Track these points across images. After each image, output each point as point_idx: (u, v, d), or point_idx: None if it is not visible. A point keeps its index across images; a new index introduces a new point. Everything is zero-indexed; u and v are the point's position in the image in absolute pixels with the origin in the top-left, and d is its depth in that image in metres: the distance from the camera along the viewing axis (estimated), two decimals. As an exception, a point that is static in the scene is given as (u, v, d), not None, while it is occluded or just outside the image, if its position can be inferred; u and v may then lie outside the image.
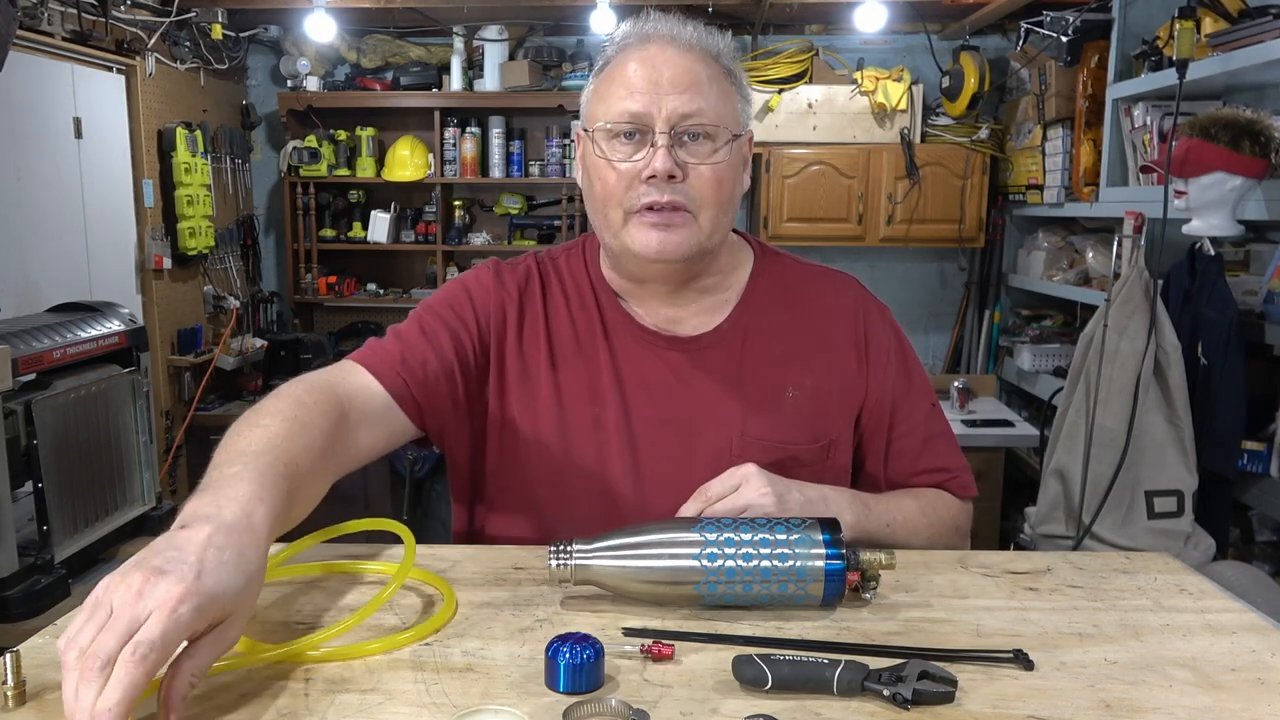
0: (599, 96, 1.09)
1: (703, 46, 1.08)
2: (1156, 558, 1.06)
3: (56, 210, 3.07)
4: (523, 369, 1.16)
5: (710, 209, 1.07)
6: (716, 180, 1.06)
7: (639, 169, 1.05)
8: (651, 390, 1.14)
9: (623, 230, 1.08)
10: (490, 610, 0.92)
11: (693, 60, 1.06)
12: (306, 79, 4.02)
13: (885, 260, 4.26)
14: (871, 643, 0.84)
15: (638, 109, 1.04)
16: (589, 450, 1.14)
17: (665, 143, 1.04)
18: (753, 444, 1.12)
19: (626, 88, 1.05)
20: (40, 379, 2.12)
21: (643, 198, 1.05)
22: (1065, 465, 2.51)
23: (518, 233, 4.19)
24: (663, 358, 1.15)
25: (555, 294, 1.19)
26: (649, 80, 1.04)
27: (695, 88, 1.05)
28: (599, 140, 1.07)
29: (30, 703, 0.74)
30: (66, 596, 2.05)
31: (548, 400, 1.15)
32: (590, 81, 1.13)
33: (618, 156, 1.06)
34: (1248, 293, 2.35)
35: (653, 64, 1.05)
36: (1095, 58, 3.04)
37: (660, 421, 1.14)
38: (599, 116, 1.08)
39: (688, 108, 1.04)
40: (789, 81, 3.83)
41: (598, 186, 1.09)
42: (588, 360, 1.16)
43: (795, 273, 1.23)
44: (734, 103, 1.09)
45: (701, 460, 1.12)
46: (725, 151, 1.07)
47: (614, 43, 1.11)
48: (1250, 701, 0.75)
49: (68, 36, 3.02)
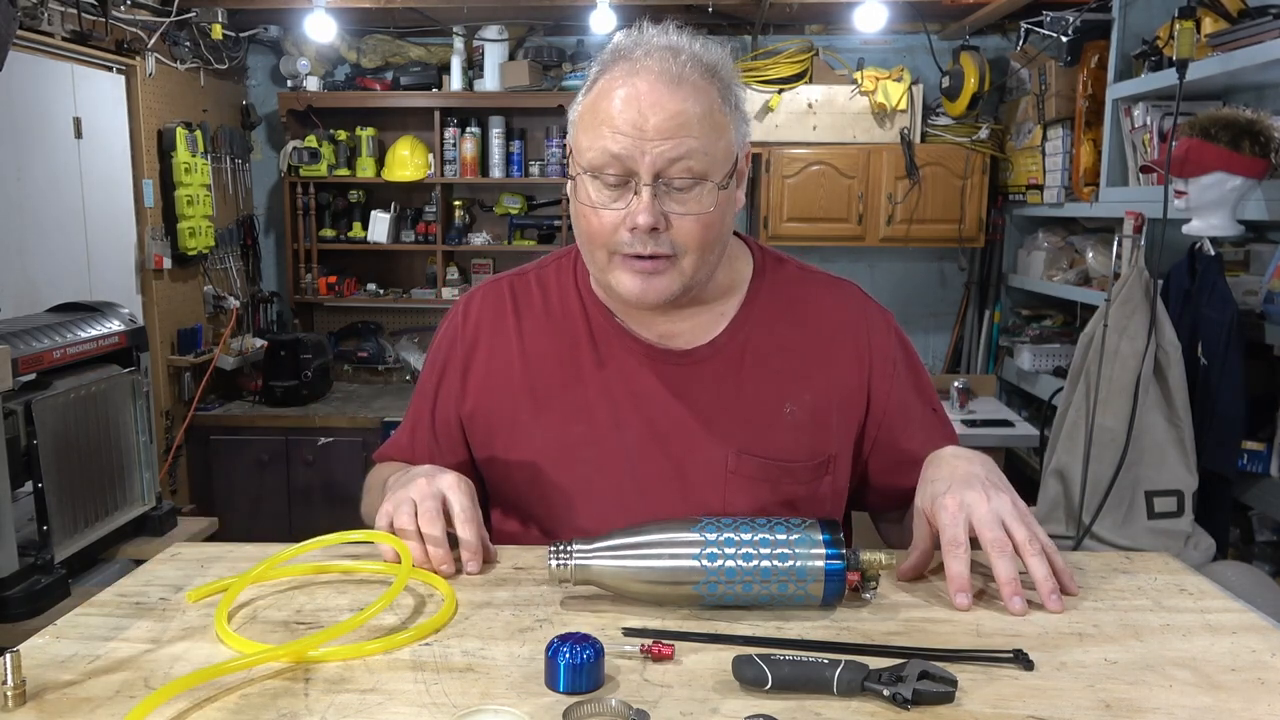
0: (584, 125, 1.05)
1: (699, 70, 1.02)
2: (1156, 558, 1.06)
3: (56, 210, 3.07)
4: (495, 412, 1.16)
5: (693, 255, 1.04)
6: (701, 228, 1.03)
7: (622, 217, 1.02)
8: (644, 406, 1.12)
9: (607, 269, 1.07)
10: (490, 610, 0.92)
11: (684, 97, 1.00)
12: (306, 79, 4.02)
13: (885, 260, 4.26)
14: (871, 643, 0.84)
15: (621, 153, 1.00)
16: (579, 467, 1.12)
17: (649, 195, 1.00)
18: (748, 461, 1.10)
19: (611, 126, 1.00)
20: (40, 379, 2.12)
21: (625, 247, 1.03)
22: (1065, 465, 2.51)
23: (518, 233, 4.19)
24: (656, 371, 1.13)
25: (535, 312, 1.18)
26: (635, 125, 0.99)
27: (683, 131, 0.99)
28: (585, 184, 1.04)
29: (30, 703, 0.74)
30: (66, 596, 2.04)
31: (528, 422, 1.14)
32: (579, 100, 1.08)
33: (602, 201, 1.03)
34: (1248, 293, 2.35)
35: (639, 106, 0.99)
36: (1095, 58, 3.04)
37: (653, 437, 1.11)
38: (584, 151, 1.04)
39: (674, 153, 0.99)
40: (789, 81, 3.83)
41: (583, 225, 1.07)
42: (576, 380, 1.14)
43: (796, 282, 1.19)
44: (727, 134, 1.04)
45: (695, 477, 1.10)
46: (711, 199, 1.02)
47: (604, 59, 1.06)
48: (1250, 701, 0.75)
49: (68, 36, 3.01)
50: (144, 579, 1.00)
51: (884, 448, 1.17)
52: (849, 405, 1.15)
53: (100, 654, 0.83)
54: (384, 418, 3.71)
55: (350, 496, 1.22)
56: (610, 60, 1.05)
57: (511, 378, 1.16)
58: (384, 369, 4.37)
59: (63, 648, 0.84)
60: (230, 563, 1.04)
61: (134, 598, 0.95)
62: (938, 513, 0.94)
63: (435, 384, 1.22)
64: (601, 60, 1.07)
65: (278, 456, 3.76)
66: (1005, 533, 0.92)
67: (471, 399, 1.18)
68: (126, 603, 0.94)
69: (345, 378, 4.36)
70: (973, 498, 0.94)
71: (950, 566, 0.92)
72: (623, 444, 1.12)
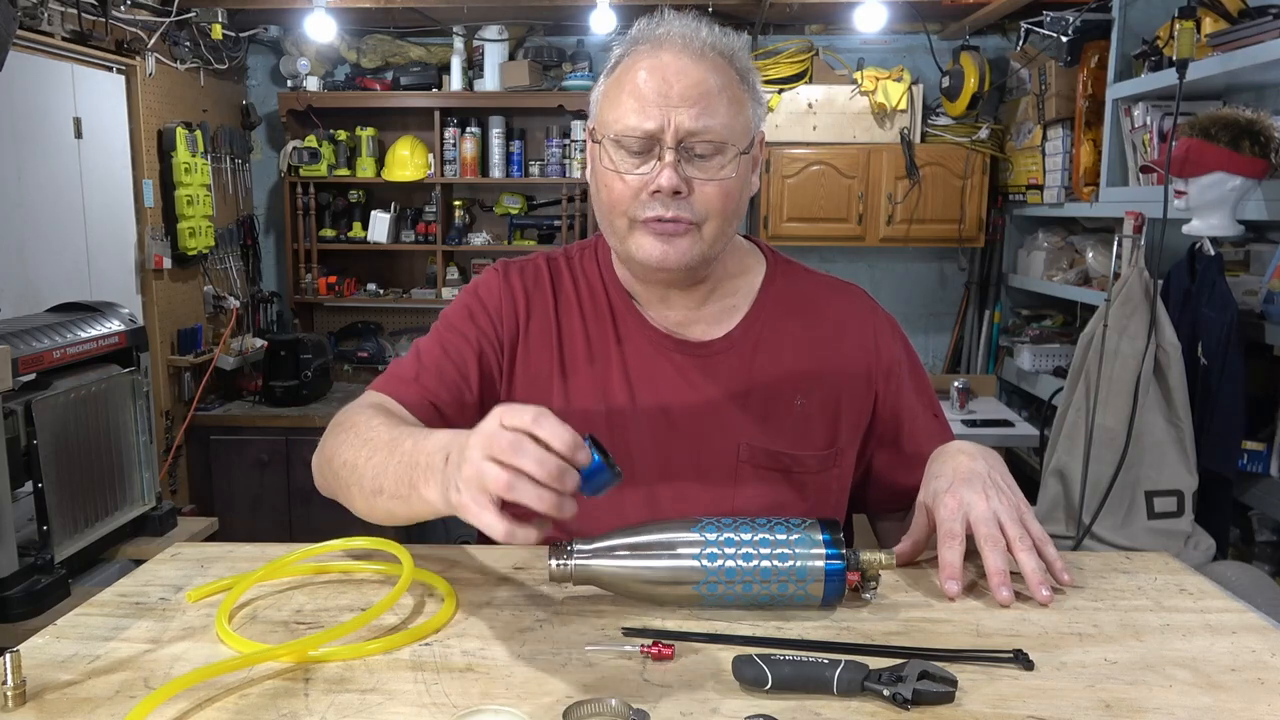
0: (609, 101, 1.08)
1: (717, 51, 1.07)
2: (1156, 558, 1.06)
3: (56, 210, 3.07)
4: (531, 369, 1.17)
5: (715, 221, 1.07)
6: (723, 195, 1.06)
7: (645, 181, 1.05)
8: (660, 393, 1.14)
9: (628, 237, 1.09)
10: (490, 610, 0.92)
11: (706, 70, 1.05)
12: (306, 79, 4.02)
13: (885, 260, 4.26)
14: (871, 643, 0.84)
15: (647, 123, 1.03)
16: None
17: (672, 158, 1.03)
18: (759, 452, 1.13)
19: (637, 98, 1.04)
20: (40, 379, 2.12)
21: (647, 210, 1.05)
22: (1065, 465, 2.51)
23: (518, 233, 4.19)
24: (672, 361, 1.15)
25: (567, 292, 1.20)
26: (659, 93, 1.03)
27: (705, 101, 1.03)
28: (608, 149, 1.07)
29: (30, 703, 0.74)
30: (66, 596, 2.05)
31: (558, 400, 1.15)
32: (601, 81, 1.12)
33: (625, 168, 1.06)
34: (1248, 293, 2.35)
35: (664, 74, 1.04)
36: (1095, 58, 3.04)
37: (667, 425, 1.14)
38: (609, 124, 1.07)
39: (696, 124, 1.03)
40: (789, 81, 3.83)
41: (604, 194, 1.09)
42: (599, 360, 1.16)
43: (806, 283, 1.23)
44: (745, 111, 1.08)
45: (706, 465, 1.12)
46: (733, 167, 1.06)
47: (627, 41, 1.10)
48: (1250, 701, 0.75)
49: (68, 36, 3.01)
50: (144, 579, 1.00)
51: (888, 448, 1.21)
52: (856, 403, 1.18)
53: (100, 654, 0.83)
54: (384, 418, 3.71)
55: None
56: (633, 42, 1.10)
57: (550, 344, 1.18)
58: (384, 369, 4.36)
59: (63, 648, 0.84)
60: (230, 563, 1.04)
61: (134, 598, 0.95)
62: (937, 508, 0.97)
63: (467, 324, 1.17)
64: (624, 43, 1.11)
65: (278, 456, 3.76)
66: (1000, 530, 0.94)
67: (513, 351, 1.17)
68: (126, 603, 0.94)
69: (345, 378, 4.36)
70: (972, 496, 0.96)
71: (943, 555, 0.94)
72: (639, 425, 1.14)
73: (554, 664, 0.81)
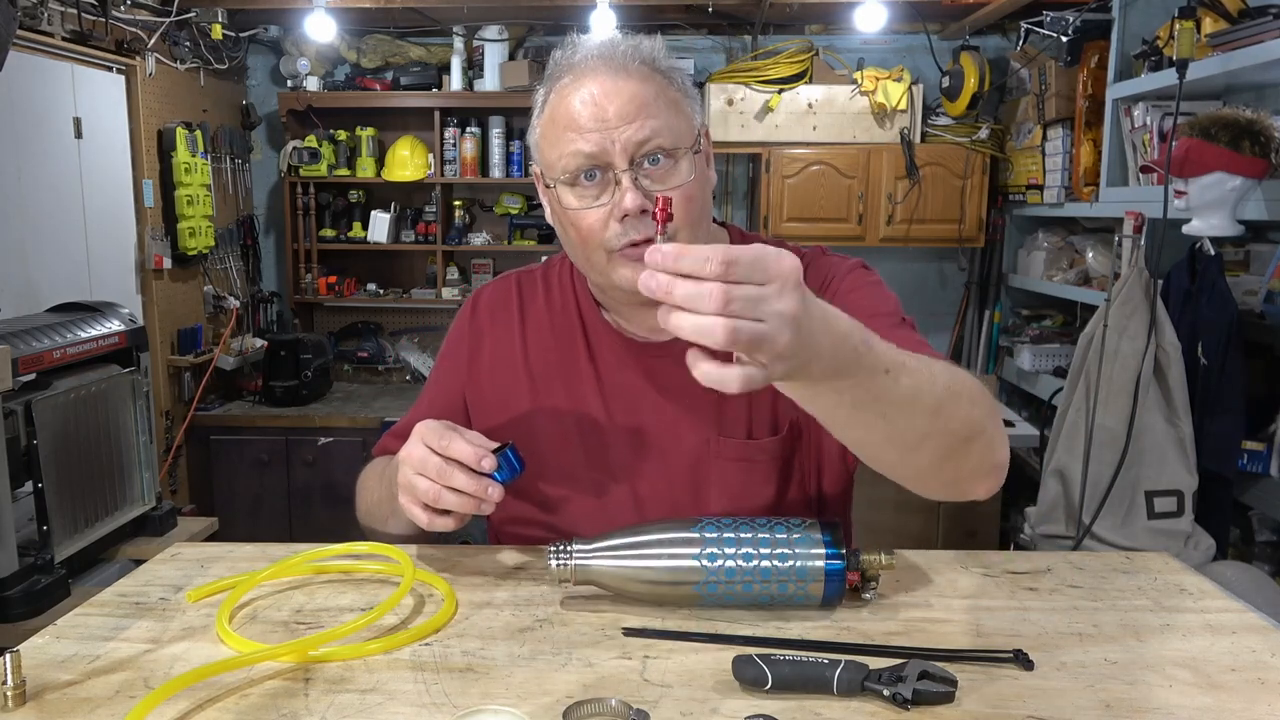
0: (549, 142, 1.07)
1: (640, 61, 1.05)
2: (1156, 558, 1.06)
3: (56, 210, 3.07)
4: (493, 393, 1.20)
5: (686, 230, 1.05)
6: (686, 200, 1.04)
7: (609, 211, 1.03)
8: (630, 397, 1.15)
9: (608, 268, 1.07)
10: (490, 610, 0.92)
11: (634, 82, 1.03)
12: (306, 79, 4.02)
13: (885, 260, 4.25)
14: (871, 643, 0.84)
15: (591, 149, 1.01)
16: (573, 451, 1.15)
17: (629, 179, 1.01)
18: (727, 443, 1.12)
19: (576, 130, 1.02)
20: (40, 379, 2.12)
21: (620, 238, 1.03)
22: (1065, 465, 2.51)
23: (518, 233, 4.19)
24: (640, 364, 1.16)
25: (538, 311, 1.22)
26: (596, 119, 1.01)
27: (644, 112, 1.02)
28: (561, 192, 1.05)
29: (30, 703, 0.74)
30: (66, 596, 2.04)
31: (526, 419, 1.16)
32: (534, 124, 1.10)
33: (585, 203, 1.04)
34: (1248, 293, 2.35)
35: (595, 100, 1.02)
36: (1095, 58, 3.04)
37: (640, 427, 1.14)
38: (554, 164, 1.05)
39: (641, 134, 1.01)
40: (789, 81, 3.83)
41: (572, 234, 1.08)
42: (570, 373, 1.17)
43: None
44: (684, 109, 1.07)
45: (681, 465, 1.13)
46: (688, 167, 1.04)
47: (547, 79, 1.08)
48: (1250, 701, 0.75)
49: (68, 36, 3.01)
50: (144, 579, 1.00)
51: None
52: None
53: (100, 654, 0.83)
54: (384, 418, 3.71)
55: (351, 497, 1.22)
56: (554, 78, 1.08)
57: (514, 364, 1.20)
58: (384, 369, 4.37)
59: (63, 648, 0.84)
60: (230, 563, 1.04)
61: (134, 598, 0.95)
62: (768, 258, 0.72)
63: (443, 372, 1.26)
64: (545, 81, 1.09)
65: (278, 456, 3.76)
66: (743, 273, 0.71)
67: (476, 382, 1.22)
68: (126, 603, 0.94)
69: (345, 378, 4.36)
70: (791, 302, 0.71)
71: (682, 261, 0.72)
72: (615, 432, 1.14)
73: (554, 664, 0.81)
